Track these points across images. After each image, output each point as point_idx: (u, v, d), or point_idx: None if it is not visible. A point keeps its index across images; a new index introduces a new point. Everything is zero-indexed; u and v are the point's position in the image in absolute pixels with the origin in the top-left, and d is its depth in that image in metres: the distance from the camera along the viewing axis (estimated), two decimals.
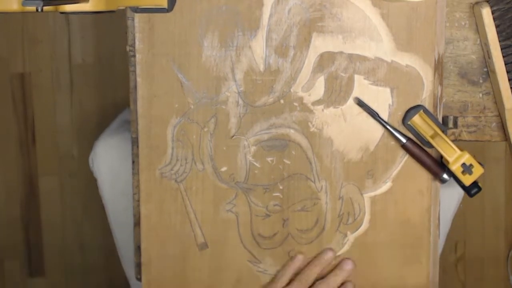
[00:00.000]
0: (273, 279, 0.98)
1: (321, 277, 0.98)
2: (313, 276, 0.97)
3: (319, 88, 0.95)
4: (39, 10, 0.68)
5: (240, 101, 0.96)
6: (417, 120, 0.95)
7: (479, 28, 0.96)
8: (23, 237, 1.90)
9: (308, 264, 0.98)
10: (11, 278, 1.91)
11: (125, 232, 1.14)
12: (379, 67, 0.95)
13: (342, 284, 0.98)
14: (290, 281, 0.97)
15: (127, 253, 1.20)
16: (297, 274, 0.98)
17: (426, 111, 0.95)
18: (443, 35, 0.95)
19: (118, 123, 1.29)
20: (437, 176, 0.96)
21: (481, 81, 0.98)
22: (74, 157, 1.88)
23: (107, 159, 1.21)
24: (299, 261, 0.98)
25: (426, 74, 0.95)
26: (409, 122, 0.95)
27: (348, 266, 0.97)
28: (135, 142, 0.97)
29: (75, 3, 0.76)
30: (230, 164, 0.97)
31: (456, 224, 0.93)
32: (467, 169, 0.94)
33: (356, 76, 0.95)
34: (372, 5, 0.94)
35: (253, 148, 0.97)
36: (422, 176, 0.97)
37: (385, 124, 0.95)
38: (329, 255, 0.97)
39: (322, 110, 0.96)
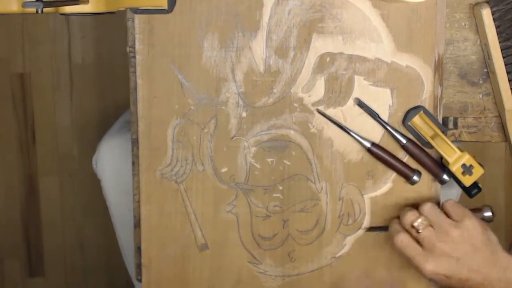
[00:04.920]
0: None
1: None
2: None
3: (319, 89, 0.95)
4: (39, 11, 0.68)
5: (240, 102, 0.96)
6: (417, 121, 0.95)
7: (479, 29, 0.96)
8: (23, 237, 1.90)
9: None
10: (11, 278, 1.92)
11: (129, 232, 1.14)
12: (379, 68, 0.95)
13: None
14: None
15: (131, 253, 1.20)
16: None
17: (426, 112, 0.95)
18: (443, 36, 0.95)
19: (120, 123, 1.29)
20: (437, 177, 0.96)
21: (481, 82, 0.98)
22: (74, 157, 1.88)
23: (111, 159, 1.21)
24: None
25: (426, 75, 0.95)
26: (409, 123, 0.95)
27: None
28: (135, 143, 0.97)
29: (75, 4, 0.76)
30: (230, 165, 0.97)
31: None
32: (467, 169, 0.94)
33: (356, 77, 0.95)
34: (372, 6, 0.94)
35: (253, 149, 0.97)
36: (422, 177, 0.97)
37: (385, 125, 0.95)
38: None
39: (323, 110, 0.96)
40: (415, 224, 0.89)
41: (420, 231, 0.88)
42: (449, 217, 0.89)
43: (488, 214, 0.95)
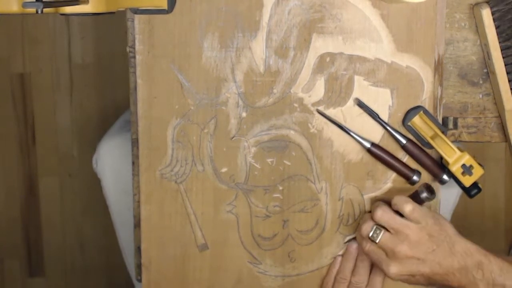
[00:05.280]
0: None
1: None
2: (348, 272, 0.97)
3: (319, 89, 0.95)
4: (39, 12, 0.69)
5: (240, 102, 0.96)
6: (417, 121, 0.95)
7: (479, 29, 0.96)
8: (23, 237, 1.90)
9: (340, 263, 0.98)
10: (11, 278, 1.92)
11: (128, 232, 1.15)
12: (379, 68, 0.95)
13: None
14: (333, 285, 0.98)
15: (130, 253, 1.20)
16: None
17: (426, 112, 0.95)
18: (443, 36, 0.95)
19: (121, 123, 1.30)
20: (437, 177, 0.96)
21: (481, 82, 0.98)
22: (74, 157, 1.88)
23: (111, 159, 1.21)
24: (338, 263, 0.98)
25: (426, 75, 0.95)
26: (409, 123, 0.95)
27: (352, 247, 0.97)
28: (135, 143, 0.97)
29: (75, 4, 0.76)
30: (230, 165, 0.97)
31: (456, 224, 0.93)
32: (467, 170, 0.94)
33: (356, 77, 0.95)
34: (372, 6, 0.94)
35: (253, 149, 0.97)
36: (422, 177, 0.97)
37: (385, 125, 0.95)
38: (354, 247, 0.97)
39: (322, 111, 0.96)
40: (370, 235, 0.90)
41: (376, 241, 0.89)
42: (401, 215, 0.90)
43: (424, 195, 0.92)
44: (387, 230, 0.89)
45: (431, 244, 0.88)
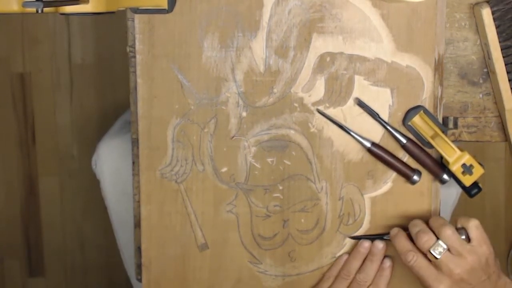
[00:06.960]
0: (320, 280, 0.99)
1: None
2: (353, 270, 0.97)
3: (319, 89, 0.95)
4: (39, 11, 0.69)
5: (240, 102, 0.96)
6: (417, 120, 0.95)
7: (479, 28, 0.96)
8: (23, 237, 1.90)
9: (346, 259, 0.98)
10: (11, 278, 1.92)
11: (127, 233, 1.15)
12: (379, 67, 0.95)
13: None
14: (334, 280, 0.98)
15: (129, 254, 1.20)
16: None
17: (426, 112, 0.95)
18: (443, 36, 0.95)
19: (120, 124, 1.29)
20: (437, 177, 0.96)
21: (481, 81, 0.98)
22: (74, 157, 1.88)
23: (110, 160, 1.21)
24: (343, 261, 0.98)
25: (426, 75, 0.95)
26: (409, 123, 0.95)
27: (378, 247, 0.96)
28: (135, 143, 0.97)
29: (75, 4, 0.76)
30: (230, 164, 0.97)
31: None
32: (467, 169, 0.94)
33: (356, 77, 0.95)
34: (372, 5, 0.94)
35: (253, 149, 0.97)
36: (422, 176, 0.97)
37: (385, 124, 0.95)
38: (364, 246, 0.97)
39: (323, 110, 0.96)
40: (432, 250, 0.90)
41: (438, 257, 0.89)
42: (469, 240, 0.91)
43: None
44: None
45: (484, 274, 0.89)
